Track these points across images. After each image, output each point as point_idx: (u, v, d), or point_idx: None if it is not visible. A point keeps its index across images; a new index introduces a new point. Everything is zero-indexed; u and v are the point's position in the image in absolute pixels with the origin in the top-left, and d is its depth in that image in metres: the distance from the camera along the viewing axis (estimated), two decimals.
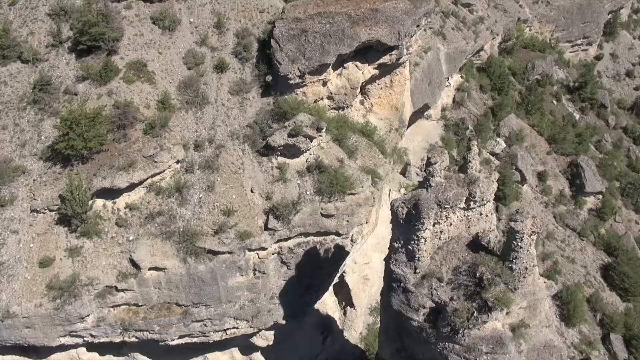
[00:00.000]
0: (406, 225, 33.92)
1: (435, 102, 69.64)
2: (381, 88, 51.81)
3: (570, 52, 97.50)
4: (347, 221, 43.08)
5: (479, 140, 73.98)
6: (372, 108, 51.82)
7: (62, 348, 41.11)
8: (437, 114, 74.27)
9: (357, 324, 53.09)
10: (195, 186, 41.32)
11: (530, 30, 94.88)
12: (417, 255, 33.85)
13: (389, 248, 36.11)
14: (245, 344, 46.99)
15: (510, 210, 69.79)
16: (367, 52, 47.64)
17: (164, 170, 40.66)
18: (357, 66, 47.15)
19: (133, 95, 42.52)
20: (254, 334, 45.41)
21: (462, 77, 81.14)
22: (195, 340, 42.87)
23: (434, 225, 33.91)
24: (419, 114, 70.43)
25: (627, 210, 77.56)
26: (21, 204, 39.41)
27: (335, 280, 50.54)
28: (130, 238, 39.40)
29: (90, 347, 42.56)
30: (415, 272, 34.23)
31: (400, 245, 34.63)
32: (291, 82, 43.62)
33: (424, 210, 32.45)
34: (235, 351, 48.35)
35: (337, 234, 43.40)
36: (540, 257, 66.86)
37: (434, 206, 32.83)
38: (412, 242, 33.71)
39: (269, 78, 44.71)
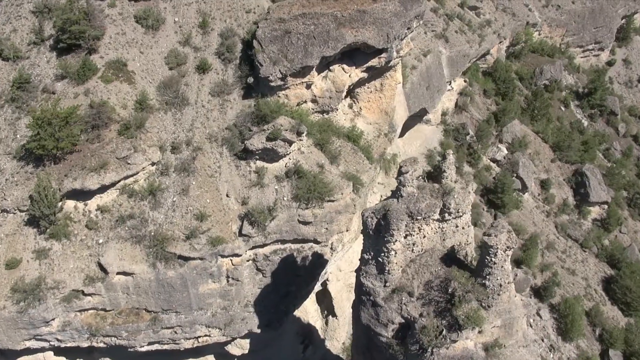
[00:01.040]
0: (376, 237, 32.56)
1: (434, 107, 67.85)
2: (371, 92, 50.39)
3: (581, 57, 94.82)
4: (326, 229, 41.79)
5: (480, 146, 72.16)
6: (361, 112, 50.42)
7: (29, 352, 40.54)
8: (437, 119, 72.52)
9: (340, 334, 51.68)
10: (169, 189, 40.41)
11: (539, 34, 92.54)
12: (387, 268, 32.45)
13: (359, 259, 34.76)
14: (220, 352, 45.97)
15: (509, 219, 68.00)
16: (355, 54, 46.27)
17: (138, 172, 39.83)
18: (343, 69, 45.81)
19: (110, 95, 41.79)
20: (228, 342, 44.36)
21: (465, 81, 79.23)
22: (165, 347, 42.01)
23: (405, 237, 32.48)
24: (417, 118, 68.83)
25: (634, 222, 74.89)
26: None
27: (318, 288, 49.28)
28: (100, 241, 38.64)
29: (58, 351, 41.94)
30: (385, 286, 32.84)
31: (370, 257, 33.28)
32: (272, 84, 42.46)
33: (392, 222, 31.03)
34: (210, 358, 47.37)
35: (316, 241, 42.14)
36: (539, 268, 64.94)
37: (404, 217, 31.38)
38: (382, 254, 32.33)
39: (250, 80, 43.62)
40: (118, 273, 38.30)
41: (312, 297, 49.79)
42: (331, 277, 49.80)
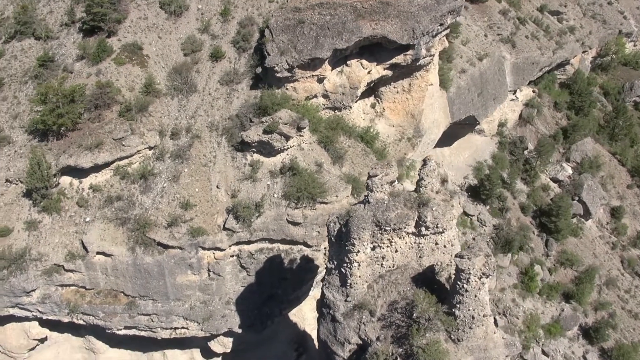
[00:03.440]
0: (338, 245, 29.42)
1: (487, 116, 62.16)
2: (397, 92, 46.71)
3: None
4: (318, 232, 38.98)
5: (539, 162, 65.18)
6: (384, 113, 46.88)
7: (15, 319, 41.69)
8: (492, 129, 66.47)
9: None
10: (162, 175, 39.84)
11: (635, 45, 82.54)
12: (349, 281, 29.18)
13: (325, 268, 31.73)
14: (206, 347, 44.66)
15: (564, 246, 60.72)
16: (377, 50, 43.02)
17: (133, 155, 39.62)
18: (361, 64, 42.73)
19: (120, 76, 42.10)
20: (211, 338, 42.93)
21: (534, 91, 72.16)
22: (143, 333, 41.40)
23: (373, 249, 29.00)
24: (467, 127, 63.61)
25: None
26: None
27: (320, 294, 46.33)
28: (87, 219, 38.85)
29: (44, 323, 42.78)
30: (346, 300, 29.58)
31: (333, 267, 30.18)
32: (279, 75, 40.44)
33: (353, 230, 27.75)
34: (195, 352, 46.23)
35: (306, 244, 39.50)
36: (592, 305, 57.54)
37: (368, 226, 27.94)
38: (345, 264, 29.12)
39: (258, 70, 41.99)
40: (98, 253, 38.31)
41: (312, 303, 46.92)
42: None
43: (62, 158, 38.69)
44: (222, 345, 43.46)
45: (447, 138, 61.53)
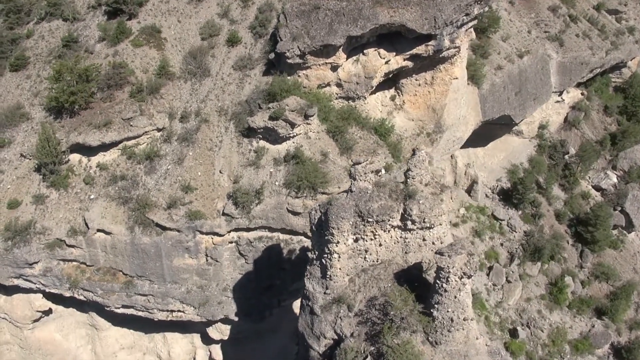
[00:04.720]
0: (318, 234, 28.12)
1: (525, 116, 58.69)
2: (419, 84, 44.60)
3: None
4: None
5: (580, 168, 60.98)
6: (404, 106, 44.88)
7: (20, 290, 42.91)
8: (532, 131, 62.78)
9: None
10: (167, 157, 39.86)
11: None
12: (328, 273, 27.82)
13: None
14: (205, 332, 44.40)
15: (600, 258, 56.48)
16: (397, 39, 41.13)
17: (140, 136, 39.89)
18: (379, 54, 41.01)
19: (135, 58, 42.55)
20: (209, 324, 42.58)
21: (582, 93, 67.62)
22: (140, 314, 41.56)
23: (356, 241, 27.48)
24: (504, 127, 60.39)
25: None
26: (15, 147, 41.95)
27: None
28: (92, 197, 39.40)
29: (49, 296, 43.73)
30: (325, 293, 28.22)
31: (315, 257, 28.92)
32: (290, 61, 39.41)
33: (332, 219, 26.33)
34: (196, 337, 46.04)
35: (306, 235, 38.30)
36: (627, 324, 53.26)
37: (348, 216, 26.44)
38: (325, 255, 27.79)
39: (272, 56, 41.20)
40: (98, 230, 38.75)
41: None
42: None
43: (72, 135, 39.52)
44: (220, 332, 43.10)
45: (482, 138, 58.68)
